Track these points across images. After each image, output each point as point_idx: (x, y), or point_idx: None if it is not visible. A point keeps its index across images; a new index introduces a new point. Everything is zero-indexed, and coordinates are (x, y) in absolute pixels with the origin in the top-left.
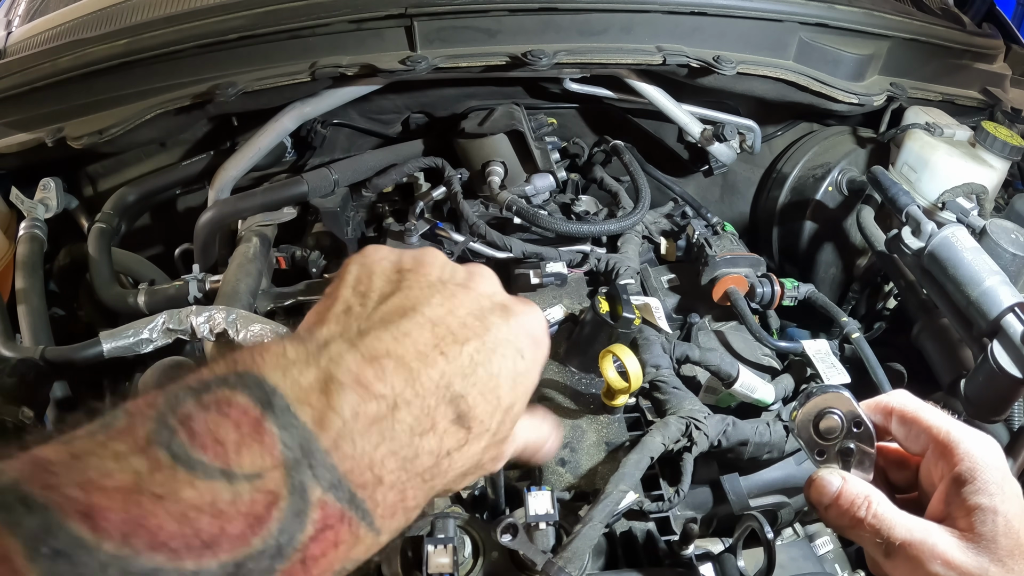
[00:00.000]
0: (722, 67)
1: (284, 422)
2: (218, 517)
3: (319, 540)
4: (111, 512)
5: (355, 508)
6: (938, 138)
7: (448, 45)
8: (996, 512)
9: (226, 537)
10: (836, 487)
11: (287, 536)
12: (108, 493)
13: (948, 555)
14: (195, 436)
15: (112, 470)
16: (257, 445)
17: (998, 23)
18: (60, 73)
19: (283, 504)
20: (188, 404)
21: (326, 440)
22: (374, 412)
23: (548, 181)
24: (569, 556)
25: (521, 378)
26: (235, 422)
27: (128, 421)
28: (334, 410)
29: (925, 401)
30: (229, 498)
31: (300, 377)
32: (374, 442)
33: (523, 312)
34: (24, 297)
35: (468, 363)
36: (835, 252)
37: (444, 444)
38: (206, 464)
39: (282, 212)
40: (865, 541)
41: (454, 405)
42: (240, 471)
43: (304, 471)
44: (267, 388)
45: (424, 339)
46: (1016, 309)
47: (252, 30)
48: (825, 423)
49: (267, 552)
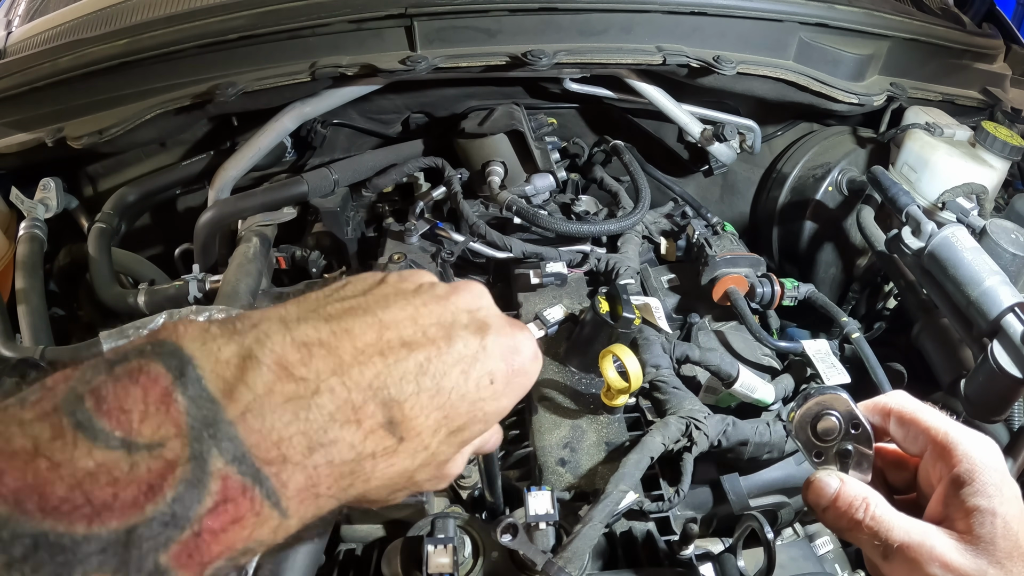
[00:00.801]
0: (722, 67)
1: (193, 393)
2: (112, 484)
3: (218, 513)
4: (6, 475)
5: (259, 484)
6: (938, 138)
7: (448, 45)
8: (995, 514)
9: (118, 503)
10: (834, 489)
11: (182, 506)
12: (6, 456)
13: (946, 557)
14: (102, 404)
15: (13, 435)
16: (162, 414)
17: (998, 23)
18: (60, 73)
19: (180, 473)
20: (102, 374)
21: (232, 411)
22: (291, 391)
23: (548, 181)
24: (569, 556)
25: (482, 403)
26: (144, 389)
27: (42, 392)
28: (245, 383)
29: (924, 401)
30: (126, 467)
31: (219, 352)
32: (285, 420)
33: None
34: (24, 297)
35: (414, 369)
36: (835, 252)
37: (368, 444)
38: (107, 432)
39: (282, 212)
40: (863, 543)
41: (386, 408)
42: (141, 440)
43: (206, 441)
44: (183, 357)
45: (366, 338)
46: (1016, 309)
47: (252, 30)
48: (823, 424)
49: (159, 520)
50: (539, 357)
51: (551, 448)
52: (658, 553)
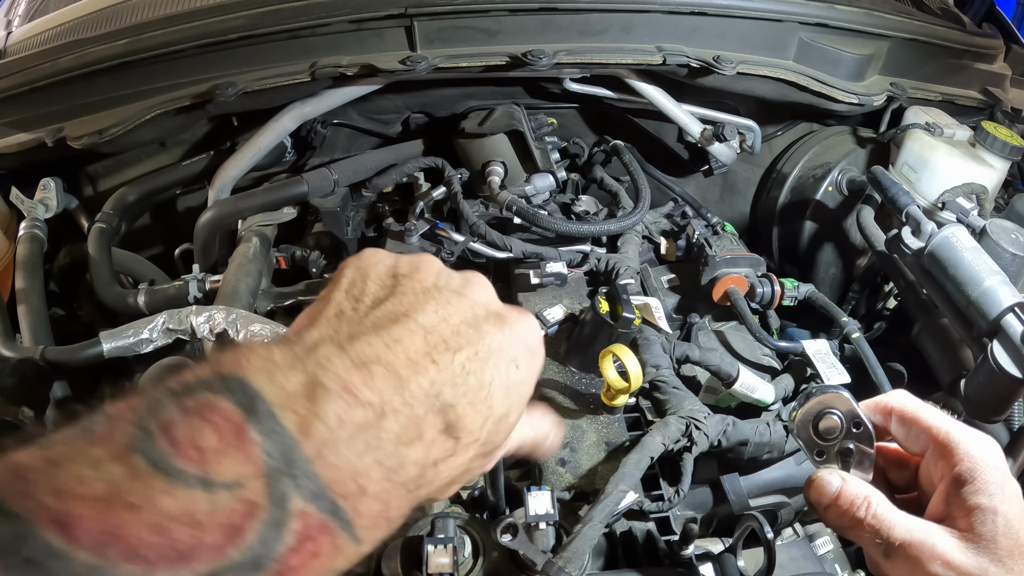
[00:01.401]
0: (722, 67)
1: (267, 428)
2: (195, 527)
3: (298, 551)
4: (85, 520)
5: (337, 519)
6: (938, 138)
7: (448, 45)
8: (996, 512)
9: (202, 548)
10: (835, 487)
11: (265, 547)
12: (83, 501)
13: (948, 555)
14: (175, 442)
15: (88, 477)
16: (238, 452)
17: (998, 23)
18: (60, 73)
19: (262, 514)
20: (169, 409)
21: (309, 448)
22: (360, 419)
23: (548, 181)
24: (569, 556)
25: (515, 388)
26: (216, 428)
27: (108, 426)
28: (319, 417)
29: (925, 401)
30: (207, 508)
31: (285, 382)
32: (359, 451)
33: (518, 321)
34: (24, 297)
35: (459, 371)
36: (835, 252)
37: (431, 454)
38: (185, 472)
39: (282, 212)
40: (865, 541)
41: (443, 415)
42: (219, 479)
43: (285, 480)
44: (251, 392)
45: (416, 346)
46: (1016, 309)
47: (252, 30)
48: (824, 423)
49: (244, 563)
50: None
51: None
52: (658, 553)
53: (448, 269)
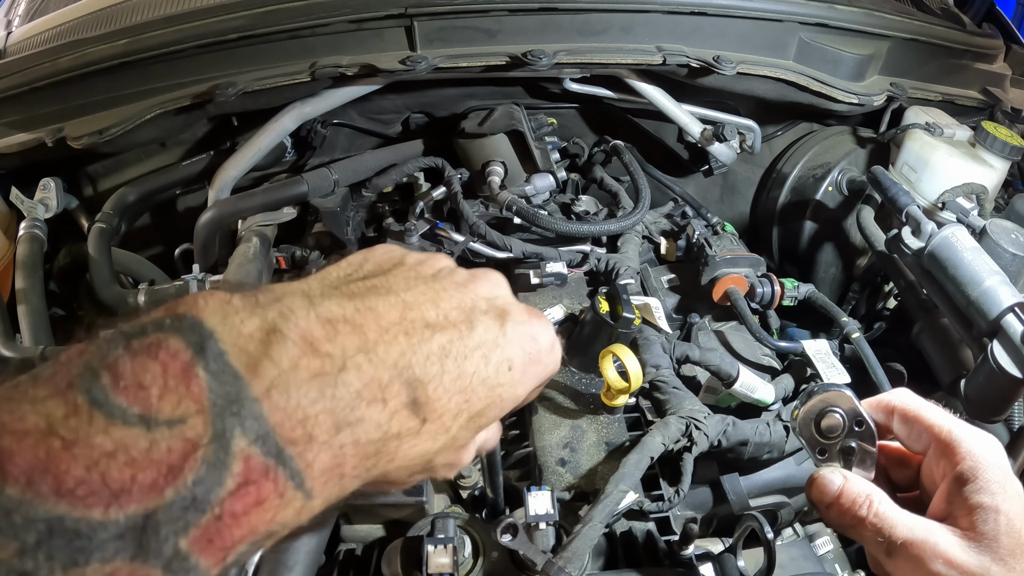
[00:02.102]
0: (722, 67)
1: (215, 368)
2: (130, 465)
3: (240, 495)
4: (17, 455)
5: (283, 464)
6: (938, 138)
7: (448, 45)
8: (998, 511)
9: (136, 486)
10: (837, 486)
11: (203, 488)
12: (17, 436)
13: (950, 554)
14: (118, 380)
15: (26, 413)
16: (183, 389)
17: (998, 23)
18: (60, 73)
19: (201, 453)
20: (119, 348)
21: (257, 387)
22: (316, 367)
23: (548, 181)
24: (569, 556)
25: (501, 389)
26: (163, 365)
27: (55, 368)
28: (270, 358)
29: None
30: (145, 445)
31: (241, 325)
32: (312, 397)
33: (526, 323)
34: (24, 297)
35: (436, 351)
36: (835, 252)
37: (393, 424)
38: (125, 409)
39: (282, 212)
40: (867, 540)
41: (410, 387)
42: (160, 417)
43: (229, 419)
44: (203, 331)
45: (390, 317)
46: (1016, 309)
47: (252, 30)
48: (827, 421)
49: (179, 503)
50: (556, 348)
51: (551, 448)
52: (658, 553)
53: (459, 267)
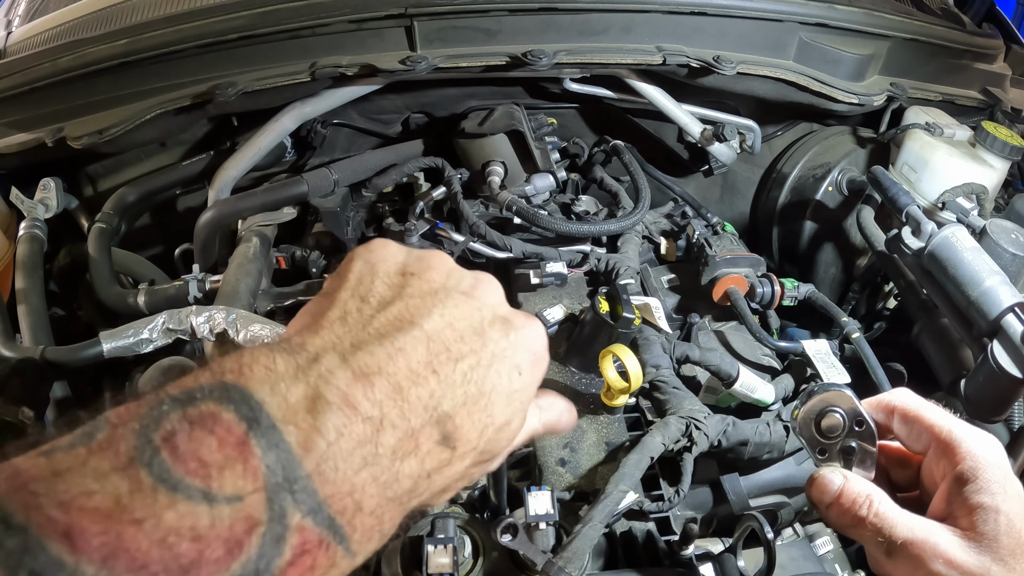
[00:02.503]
0: (722, 67)
1: (269, 443)
2: (197, 541)
3: (296, 565)
4: (91, 534)
5: (333, 533)
6: (938, 138)
7: (448, 45)
8: (998, 511)
9: (205, 562)
10: (838, 486)
11: (265, 561)
12: (88, 514)
13: (950, 554)
14: (178, 455)
15: (93, 490)
16: (240, 466)
17: (998, 23)
18: (60, 73)
19: (262, 529)
20: (172, 418)
21: (309, 464)
22: (359, 434)
23: (548, 181)
24: (569, 556)
25: (517, 395)
26: (219, 440)
27: (110, 434)
28: (319, 432)
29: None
30: (209, 522)
31: (288, 394)
32: (356, 467)
33: (524, 327)
34: (24, 297)
35: (460, 380)
36: (835, 252)
37: (425, 465)
38: (187, 485)
39: (282, 212)
40: (867, 540)
41: (440, 426)
42: (221, 493)
43: (285, 496)
44: (253, 404)
45: (418, 356)
46: (1016, 309)
47: (252, 30)
48: (827, 421)
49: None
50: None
51: (551, 448)
52: (658, 553)
53: (459, 268)
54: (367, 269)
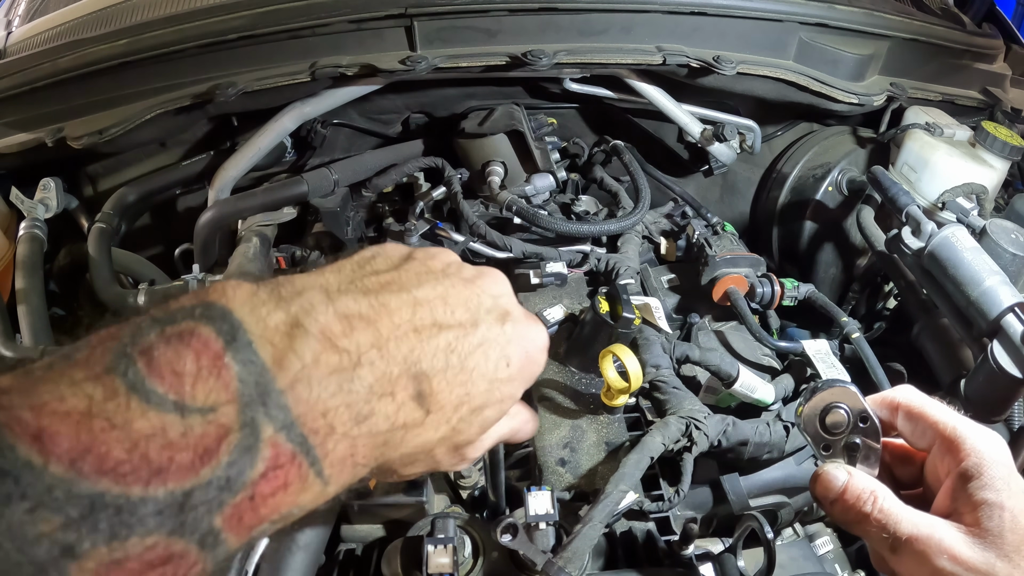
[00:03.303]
0: (722, 67)
1: (244, 357)
2: (167, 447)
3: (268, 479)
4: (60, 436)
5: (305, 452)
6: (938, 138)
7: (448, 45)
8: (1003, 508)
9: (175, 466)
10: (842, 482)
11: (236, 470)
12: (59, 417)
13: (954, 550)
14: (153, 366)
15: (66, 395)
16: (214, 378)
17: (998, 23)
18: (60, 73)
19: (234, 439)
20: (151, 335)
21: (283, 380)
22: (335, 363)
23: (548, 181)
24: (569, 556)
25: (500, 384)
26: (195, 353)
27: (89, 351)
28: (295, 352)
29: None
30: (181, 430)
31: (267, 317)
32: (331, 391)
33: (524, 324)
34: (24, 297)
35: (443, 347)
36: (835, 252)
37: (400, 416)
38: (160, 395)
39: (282, 212)
40: (871, 536)
41: (416, 381)
42: (194, 404)
43: (257, 408)
44: (233, 321)
45: (402, 314)
46: (1016, 309)
47: (252, 30)
48: (831, 418)
49: (215, 483)
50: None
51: (551, 448)
52: (658, 553)
53: (463, 262)
54: (373, 251)
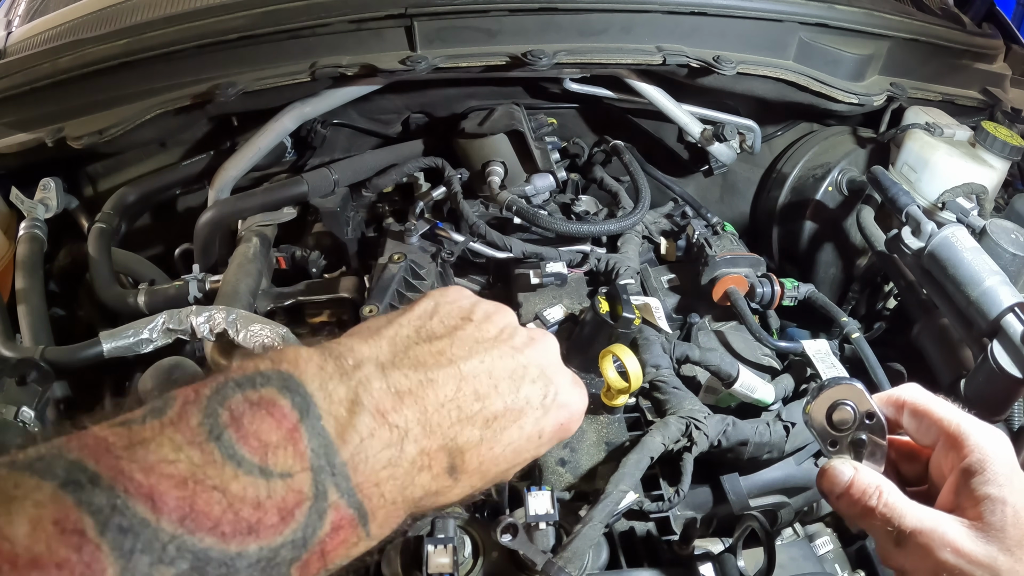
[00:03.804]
0: (722, 67)
1: (314, 430)
2: (257, 508)
3: (333, 537)
4: (170, 497)
5: (360, 515)
6: (938, 138)
7: (448, 45)
8: (1005, 502)
9: (263, 526)
10: (848, 476)
11: (311, 530)
12: (167, 479)
13: (957, 543)
14: (241, 433)
15: (171, 459)
16: (292, 447)
17: (998, 23)
18: (60, 73)
19: (309, 504)
20: (236, 399)
21: (345, 453)
22: (386, 439)
23: (548, 181)
24: (569, 556)
25: (525, 455)
26: (276, 423)
27: (180, 410)
28: (355, 428)
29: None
30: (266, 493)
31: (332, 391)
32: (382, 464)
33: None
34: (24, 297)
35: (481, 423)
36: (835, 252)
37: (433, 485)
38: (249, 461)
39: (282, 212)
40: (876, 530)
41: (451, 456)
42: (275, 469)
43: (327, 477)
44: (304, 395)
45: (446, 390)
46: (1016, 309)
47: (252, 30)
48: (838, 415)
49: (295, 542)
50: (583, 413)
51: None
52: (658, 553)
53: (519, 326)
54: (432, 307)
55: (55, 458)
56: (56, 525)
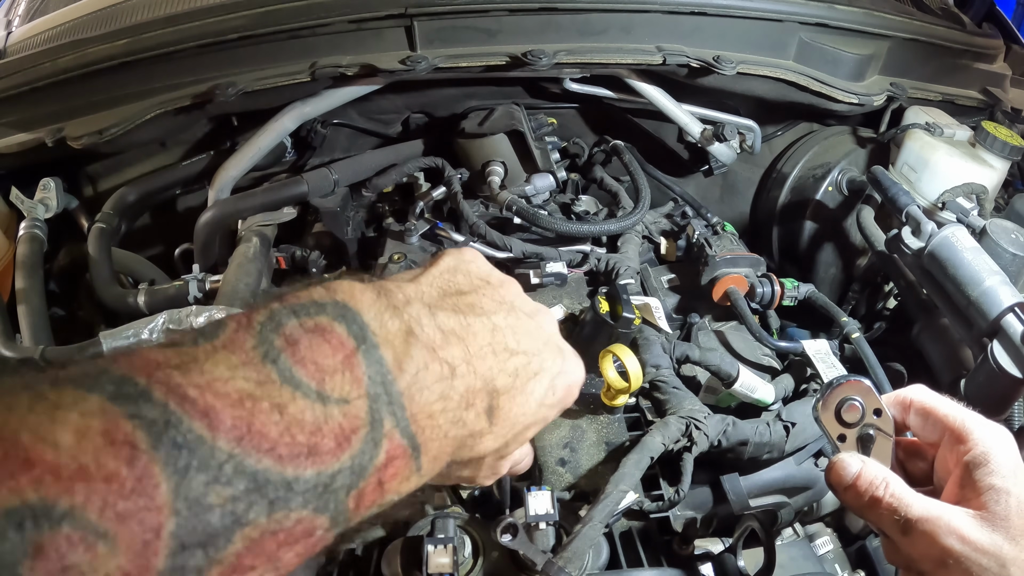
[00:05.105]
0: (722, 67)
1: (372, 358)
2: (314, 433)
3: (387, 467)
4: (226, 415)
5: (413, 447)
6: (938, 138)
7: (448, 45)
8: (1009, 493)
9: (320, 451)
10: (856, 469)
11: (368, 458)
12: (223, 398)
13: (963, 530)
14: (298, 357)
15: (227, 377)
16: (348, 373)
17: (998, 23)
18: (60, 73)
19: (365, 431)
20: (291, 324)
21: (402, 383)
22: (439, 372)
23: (548, 181)
24: (569, 556)
25: (544, 409)
26: (333, 349)
27: (233, 335)
28: (411, 358)
29: None
30: (323, 418)
31: (388, 323)
32: (435, 397)
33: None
34: (24, 297)
35: (511, 370)
36: (835, 252)
37: (475, 424)
38: (305, 384)
39: (282, 212)
40: (883, 520)
41: (490, 396)
42: (332, 395)
43: (383, 405)
44: (361, 323)
45: (484, 337)
46: (1016, 309)
47: (252, 30)
48: (847, 411)
49: (352, 469)
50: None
51: (551, 448)
52: (658, 553)
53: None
54: (454, 264)
55: (102, 373)
56: (105, 436)
